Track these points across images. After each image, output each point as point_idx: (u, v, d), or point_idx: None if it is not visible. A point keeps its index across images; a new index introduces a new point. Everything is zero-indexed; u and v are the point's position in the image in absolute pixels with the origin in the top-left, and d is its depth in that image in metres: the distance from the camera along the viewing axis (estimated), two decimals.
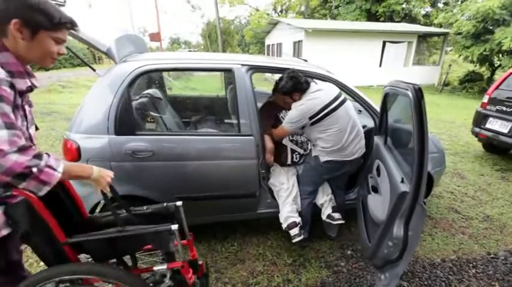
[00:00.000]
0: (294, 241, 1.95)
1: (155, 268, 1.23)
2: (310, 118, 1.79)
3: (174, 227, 1.18)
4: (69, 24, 0.97)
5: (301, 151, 2.13)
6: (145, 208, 1.36)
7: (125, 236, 1.13)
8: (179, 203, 1.38)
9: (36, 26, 0.89)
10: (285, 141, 2.12)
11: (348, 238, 2.27)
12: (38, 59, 0.97)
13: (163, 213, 1.38)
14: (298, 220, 1.96)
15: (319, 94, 1.81)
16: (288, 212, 1.97)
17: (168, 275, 1.26)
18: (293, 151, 2.11)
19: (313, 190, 2.06)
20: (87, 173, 1.02)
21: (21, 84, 0.93)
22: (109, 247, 1.17)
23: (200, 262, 1.47)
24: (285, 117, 2.23)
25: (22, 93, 0.95)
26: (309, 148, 2.21)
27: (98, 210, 1.90)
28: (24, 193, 0.93)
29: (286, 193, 2.01)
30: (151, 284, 1.28)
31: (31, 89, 0.99)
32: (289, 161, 2.10)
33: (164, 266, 1.23)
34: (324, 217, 2.09)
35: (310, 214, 2.07)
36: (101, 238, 1.13)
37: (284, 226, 1.98)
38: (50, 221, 1.03)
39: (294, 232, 1.93)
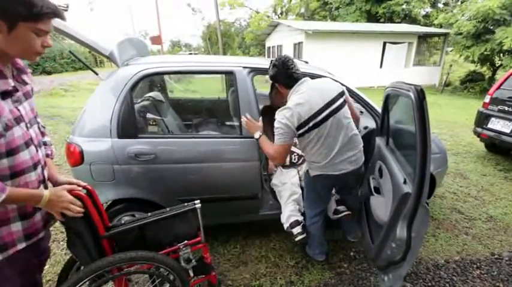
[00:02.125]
0: (296, 239, 1.92)
1: (181, 248, 1.34)
2: (298, 128, 1.52)
3: (198, 204, 1.34)
4: (52, 14, 0.85)
5: (299, 151, 2.14)
6: (168, 209, 1.39)
7: (155, 226, 1.26)
8: (197, 202, 1.39)
9: (14, 17, 0.79)
10: None
11: None
12: (20, 54, 0.88)
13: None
14: (300, 218, 1.95)
15: (308, 98, 1.51)
16: (290, 211, 1.95)
17: (191, 256, 1.37)
18: (292, 152, 2.12)
19: (319, 211, 1.86)
20: (36, 199, 0.92)
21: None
22: (141, 240, 1.26)
23: (213, 272, 1.52)
24: None
25: (6, 94, 0.87)
26: None
27: None
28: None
29: (288, 193, 2.00)
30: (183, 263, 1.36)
31: (16, 90, 0.92)
32: (288, 163, 2.11)
33: (188, 249, 1.35)
34: (331, 214, 2.04)
35: (323, 233, 1.92)
36: (134, 226, 1.23)
37: (286, 225, 1.95)
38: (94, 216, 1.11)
39: (296, 230, 1.91)
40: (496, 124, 3.71)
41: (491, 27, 9.93)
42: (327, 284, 1.85)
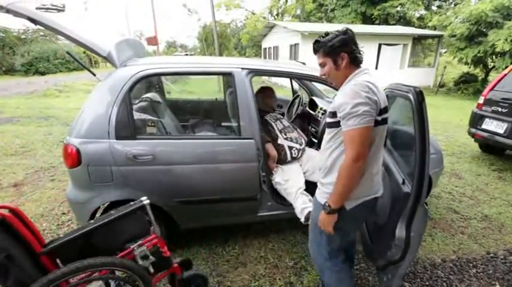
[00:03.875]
0: None
1: (135, 252, 1.29)
2: (379, 113, 1.11)
3: (146, 200, 1.30)
4: None
5: (298, 146, 2.17)
6: (113, 212, 1.31)
7: (101, 231, 1.20)
8: (144, 198, 1.34)
9: None
10: (280, 141, 2.15)
11: None
12: None
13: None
14: None
15: (380, 86, 1.16)
16: (303, 203, 1.90)
17: (149, 253, 1.33)
18: (290, 148, 2.13)
19: (338, 252, 1.43)
20: None
21: None
22: (89, 248, 1.19)
23: (175, 265, 1.49)
24: (273, 120, 2.29)
25: None
26: (303, 142, 2.25)
27: (98, 215, 1.89)
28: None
29: (295, 188, 1.97)
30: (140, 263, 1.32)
31: None
32: (289, 158, 2.12)
33: (143, 248, 1.31)
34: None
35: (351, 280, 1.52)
36: (74, 236, 1.16)
37: (302, 219, 1.87)
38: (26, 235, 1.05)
39: None
40: (490, 125, 3.76)
41: (484, 30, 10.10)
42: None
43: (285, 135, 2.18)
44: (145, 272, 1.29)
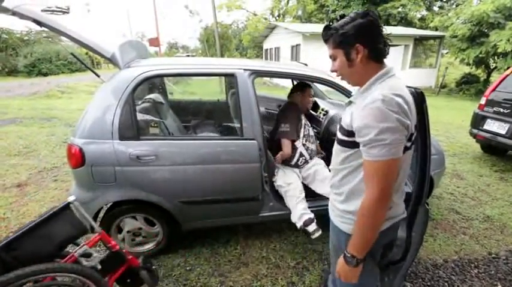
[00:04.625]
0: (313, 236, 1.90)
1: (75, 254, 1.26)
2: (409, 138, 0.89)
3: (71, 198, 1.25)
4: None
5: (307, 157, 2.16)
6: (37, 217, 1.24)
7: (24, 241, 1.12)
8: (71, 198, 1.28)
9: None
10: (298, 143, 2.14)
11: None
12: None
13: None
14: (312, 216, 1.95)
15: (409, 98, 0.89)
16: (302, 210, 1.95)
17: (92, 251, 1.31)
18: (301, 155, 2.14)
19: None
20: None
21: None
22: (12, 262, 1.11)
23: (130, 257, 1.46)
24: (305, 122, 2.23)
25: None
26: (314, 157, 2.23)
27: (101, 214, 1.91)
28: None
29: (297, 192, 2.00)
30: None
31: None
32: (293, 162, 2.12)
33: (84, 247, 1.28)
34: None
35: None
36: None
37: (300, 224, 1.93)
38: None
39: (312, 227, 1.91)
40: (491, 125, 3.76)
41: (486, 31, 10.09)
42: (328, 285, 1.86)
43: (305, 141, 2.17)
44: (92, 271, 1.25)
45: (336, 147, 1.05)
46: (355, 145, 0.92)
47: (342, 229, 1.06)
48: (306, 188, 2.14)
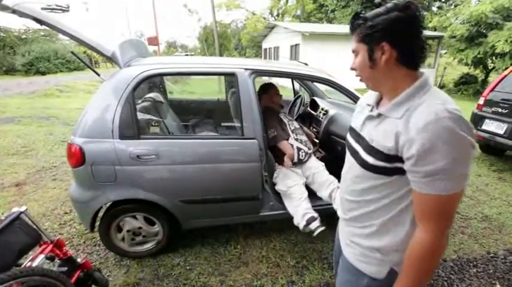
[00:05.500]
0: (316, 233, 1.89)
1: (34, 265, 1.27)
2: None
3: (23, 208, 1.29)
4: None
5: (306, 149, 2.17)
6: None
7: None
8: (23, 208, 1.31)
9: None
10: (291, 140, 2.16)
11: None
12: None
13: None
14: (316, 214, 1.94)
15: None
16: (305, 209, 1.94)
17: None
18: (299, 149, 2.14)
19: None
20: None
21: None
22: None
23: (83, 260, 1.51)
24: (287, 119, 2.29)
25: None
26: (311, 147, 2.24)
27: (100, 214, 1.91)
28: None
29: (298, 194, 1.99)
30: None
31: None
32: (296, 159, 2.12)
33: (40, 257, 1.29)
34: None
35: None
36: None
37: (303, 223, 1.90)
38: None
39: (315, 225, 1.89)
40: (490, 126, 3.78)
41: (484, 31, 10.13)
42: (328, 284, 1.87)
43: (296, 136, 2.20)
44: (58, 273, 1.27)
45: (359, 172, 0.80)
46: (395, 172, 0.72)
47: (364, 271, 0.86)
48: (308, 188, 2.14)
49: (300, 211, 1.95)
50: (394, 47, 0.70)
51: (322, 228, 1.90)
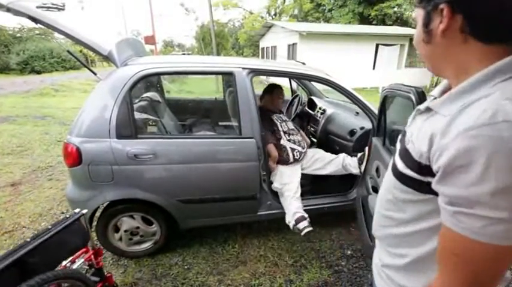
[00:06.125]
0: (303, 233, 1.92)
1: (74, 266, 1.31)
2: None
3: (84, 211, 1.34)
4: None
5: (300, 149, 2.19)
6: (50, 226, 1.24)
7: (40, 250, 1.12)
8: (84, 211, 1.38)
9: None
10: (283, 141, 2.18)
11: (347, 239, 2.30)
12: None
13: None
14: (306, 215, 1.98)
15: None
16: (296, 208, 1.99)
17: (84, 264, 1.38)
18: (293, 149, 2.16)
19: None
20: None
21: None
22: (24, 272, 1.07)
23: (108, 274, 1.55)
24: (279, 121, 2.31)
25: None
26: (306, 145, 2.27)
27: (97, 214, 1.90)
28: None
29: (291, 192, 2.03)
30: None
31: None
32: (291, 159, 2.14)
33: (80, 261, 1.34)
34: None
35: None
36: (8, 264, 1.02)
37: (292, 222, 1.97)
38: None
39: (303, 224, 1.93)
40: None
41: None
42: (326, 282, 1.87)
43: (288, 137, 2.21)
44: (91, 280, 1.30)
45: (392, 179, 0.62)
46: (428, 190, 0.51)
47: None
48: (308, 186, 2.16)
49: (292, 209, 1.99)
50: (454, 11, 0.47)
51: (310, 229, 1.93)
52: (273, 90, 2.43)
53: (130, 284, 1.81)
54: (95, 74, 1.81)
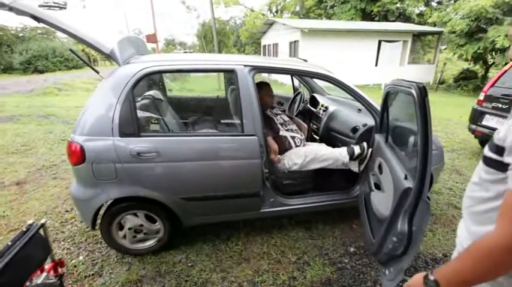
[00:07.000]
0: (364, 153, 2.03)
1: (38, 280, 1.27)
2: None
3: (43, 220, 1.29)
4: None
5: (299, 136, 2.27)
6: (9, 242, 1.13)
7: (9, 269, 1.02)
8: (43, 220, 1.31)
9: None
10: (282, 132, 2.25)
11: (350, 236, 2.29)
12: None
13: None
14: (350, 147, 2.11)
15: None
16: (333, 150, 2.15)
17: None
18: (293, 137, 2.24)
19: None
20: None
21: None
22: None
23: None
24: (273, 114, 2.37)
25: None
26: (303, 133, 2.37)
27: (101, 212, 1.91)
28: None
29: (313, 153, 2.13)
30: None
31: None
32: (293, 146, 2.18)
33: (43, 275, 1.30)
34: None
35: None
36: None
37: (347, 158, 2.07)
38: None
39: (357, 150, 2.04)
40: (490, 121, 3.78)
41: (484, 26, 10.07)
42: (329, 279, 1.88)
43: (286, 127, 2.30)
44: None
45: (480, 165, 0.75)
46: (506, 169, 0.63)
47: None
48: (310, 184, 2.18)
49: (335, 153, 2.09)
50: None
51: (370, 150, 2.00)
52: (261, 87, 2.38)
53: (135, 282, 1.82)
54: (97, 72, 1.81)
